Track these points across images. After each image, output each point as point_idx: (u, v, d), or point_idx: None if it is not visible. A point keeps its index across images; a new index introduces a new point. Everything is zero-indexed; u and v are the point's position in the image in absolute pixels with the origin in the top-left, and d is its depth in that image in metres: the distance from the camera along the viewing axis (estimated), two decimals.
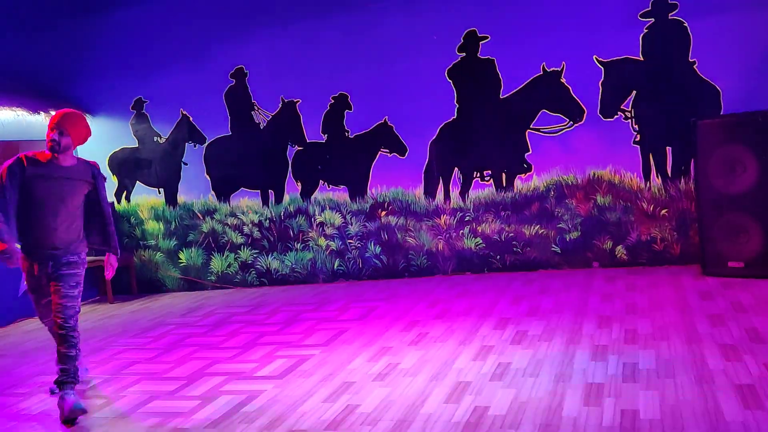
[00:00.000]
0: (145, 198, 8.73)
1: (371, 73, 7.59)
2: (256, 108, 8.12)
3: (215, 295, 8.03)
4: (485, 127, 7.29)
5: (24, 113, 7.91)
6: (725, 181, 5.90)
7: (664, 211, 6.77)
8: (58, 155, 4.25)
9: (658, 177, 6.78)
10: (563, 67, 6.95)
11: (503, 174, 7.31)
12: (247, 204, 8.30)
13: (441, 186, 7.53)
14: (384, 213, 7.75)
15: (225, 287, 8.38)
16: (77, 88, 8.58)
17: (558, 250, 7.14)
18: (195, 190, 8.50)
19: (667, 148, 6.74)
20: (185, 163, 8.49)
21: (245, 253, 8.31)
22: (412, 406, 3.78)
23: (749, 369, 3.74)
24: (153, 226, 8.67)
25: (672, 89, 6.64)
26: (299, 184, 8.07)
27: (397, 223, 7.70)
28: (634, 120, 6.81)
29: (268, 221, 8.22)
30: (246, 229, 8.30)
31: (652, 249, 6.81)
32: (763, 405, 3.26)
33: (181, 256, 8.57)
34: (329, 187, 7.97)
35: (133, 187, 8.76)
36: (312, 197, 8.03)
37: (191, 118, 8.39)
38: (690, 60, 6.56)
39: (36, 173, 4.19)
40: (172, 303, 7.83)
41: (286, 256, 8.15)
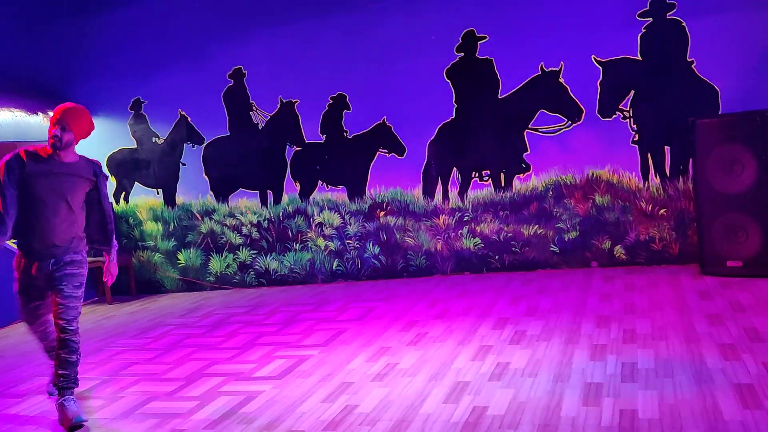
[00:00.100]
0: (144, 199, 8.72)
1: (369, 74, 7.59)
2: (254, 108, 8.11)
3: (214, 296, 8.02)
4: (484, 127, 7.29)
5: (22, 114, 7.90)
6: (724, 181, 5.90)
7: (662, 211, 6.78)
8: (59, 151, 4.10)
9: (656, 176, 6.78)
10: (561, 67, 6.95)
11: (502, 174, 7.31)
12: (246, 204, 8.30)
13: (440, 186, 7.53)
14: (383, 213, 7.75)
15: (224, 288, 8.37)
16: (75, 88, 8.57)
17: (557, 249, 7.14)
18: (193, 190, 8.49)
19: (666, 147, 6.75)
20: (184, 164, 8.48)
21: (244, 254, 8.30)
22: (411, 406, 3.77)
23: (748, 368, 3.74)
24: (151, 226, 8.67)
25: (670, 89, 6.64)
26: (298, 184, 8.06)
27: (396, 224, 7.70)
28: (632, 120, 6.81)
29: (266, 222, 8.21)
30: (245, 230, 8.30)
31: (650, 249, 6.82)
32: (762, 404, 3.26)
33: (180, 256, 8.57)
34: (328, 188, 7.97)
35: (132, 188, 8.75)
36: (311, 198, 8.02)
37: (189, 118, 8.38)
38: (688, 59, 6.56)
39: (36, 170, 4.05)
40: (170, 304, 7.82)
41: (284, 256, 8.15)
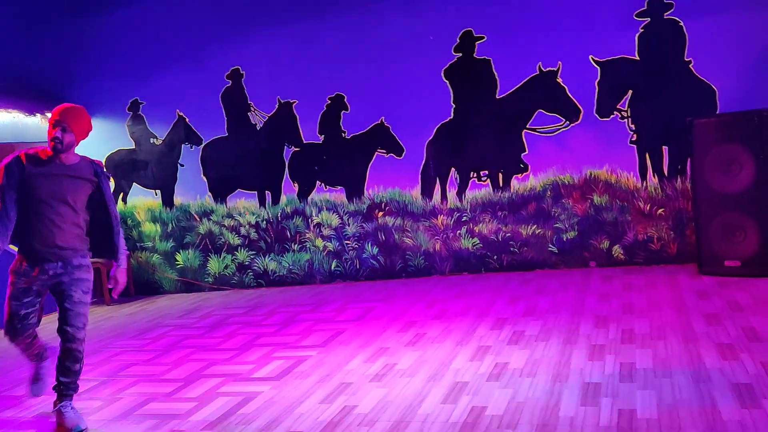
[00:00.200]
0: (142, 200, 8.71)
1: (368, 74, 7.59)
2: (252, 109, 8.11)
3: (212, 297, 8.02)
4: (482, 128, 7.29)
5: (20, 115, 7.89)
6: (722, 181, 5.90)
7: (660, 211, 6.78)
8: (60, 154, 3.98)
9: (654, 176, 6.79)
10: (559, 67, 6.96)
11: (500, 174, 7.31)
12: (244, 205, 8.29)
13: (438, 186, 7.53)
14: (381, 214, 7.75)
15: (222, 289, 8.37)
16: (73, 89, 8.56)
17: (555, 249, 7.14)
18: (192, 191, 8.49)
19: (664, 147, 6.75)
20: (182, 165, 8.48)
21: (242, 255, 8.30)
22: (409, 406, 3.77)
23: (746, 368, 3.75)
24: (150, 227, 8.66)
25: (668, 89, 6.65)
26: (296, 185, 8.06)
27: (394, 224, 7.70)
28: (630, 119, 6.82)
29: (265, 222, 8.21)
30: (243, 231, 8.29)
31: (648, 248, 6.82)
32: (761, 404, 3.26)
33: (178, 257, 8.56)
34: (326, 188, 7.97)
35: (130, 189, 8.75)
36: (309, 198, 8.02)
37: (188, 119, 8.38)
38: (686, 59, 6.57)
39: (37, 172, 3.94)
40: (169, 305, 7.82)
41: (283, 257, 8.14)
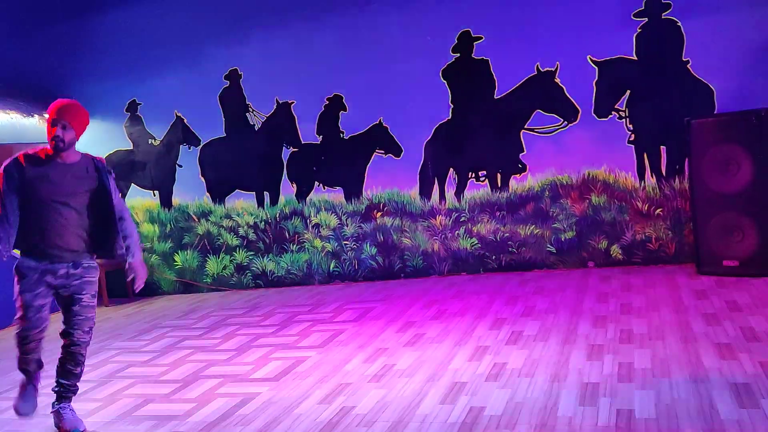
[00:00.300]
0: (140, 200, 8.71)
1: (366, 74, 7.59)
2: (250, 109, 8.11)
3: (211, 298, 8.01)
4: (480, 128, 7.29)
5: (18, 116, 7.88)
6: (719, 180, 5.91)
7: (658, 211, 6.78)
8: (62, 152, 3.86)
9: (652, 176, 6.79)
10: (557, 67, 6.96)
11: (498, 174, 7.31)
12: (243, 206, 8.29)
13: (436, 186, 7.53)
14: (379, 214, 7.75)
15: (220, 289, 8.36)
16: (71, 90, 8.54)
17: (553, 250, 7.14)
18: (190, 192, 8.48)
19: (662, 147, 6.76)
20: (180, 165, 8.47)
21: (241, 255, 8.29)
22: (408, 407, 3.77)
23: (744, 367, 3.75)
24: (148, 228, 8.65)
25: (666, 88, 6.65)
26: (294, 185, 8.06)
27: (393, 224, 7.70)
28: (628, 119, 6.82)
29: (263, 223, 8.20)
30: (241, 231, 8.29)
31: (647, 248, 6.82)
32: (759, 403, 3.26)
33: (177, 258, 8.56)
34: (324, 189, 7.96)
35: (128, 190, 8.74)
36: (307, 199, 8.02)
37: (186, 120, 8.38)
38: (683, 59, 6.57)
39: (38, 173, 3.81)
40: (167, 306, 7.81)
41: (281, 257, 8.14)
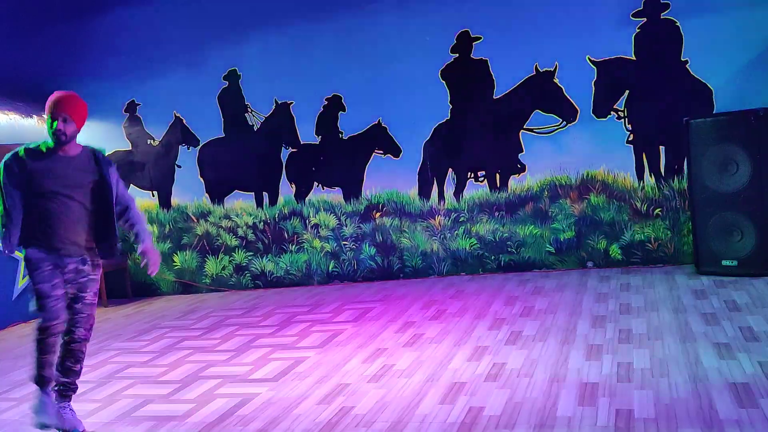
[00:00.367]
0: (139, 201, 8.66)
1: (365, 75, 7.59)
2: (249, 110, 8.10)
3: (210, 298, 8.01)
4: (479, 128, 7.29)
5: (16, 117, 7.88)
6: (718, 180, 5.91)
7: (657, 211, 6.79)
8: (65, 146, 3.81)
9: (651, 176, 6.80)
10: (556, 67, 6.96)
11: (497, 174, 7.31)
12: (241, 206, 8.28)
13: (435, 187, 7.53)
14: (378, 214, 7.75)
15: (219, 290, 8.36)
16: (69, 90, 8.50)
17: (552, 250, 7.15)
18: (189, 192, 8.48)
19: (661, 147, 6.76)
20: (179, 166, 8.47)
21: (240, 256, 8.29)
22: (407, 407, 3.77)
23: (743, 367, 3.75)
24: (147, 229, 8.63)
25: (664, 88, 6.66)
26: (293, 185, 8.06)
27: (392, 225, 7.70)
28: (627, 119, 6.82)
29: (262, 223, 8.20)
30: (240, 232, 8.28)
31: (646, 248, 6.83)
32: (758, 403, 3.27)
33: (176, 259, 8.55)
34: (323, 189, 7.96)
35: (127, 191, 8.71)
36: (306, 199, 8.01)
37: (184, 120, 8.37)
38: (682, 59, 6.58)
39: (40, 167, 3.74)
40: (166, 306, 7.81)
41: (280, 258, 8.14)
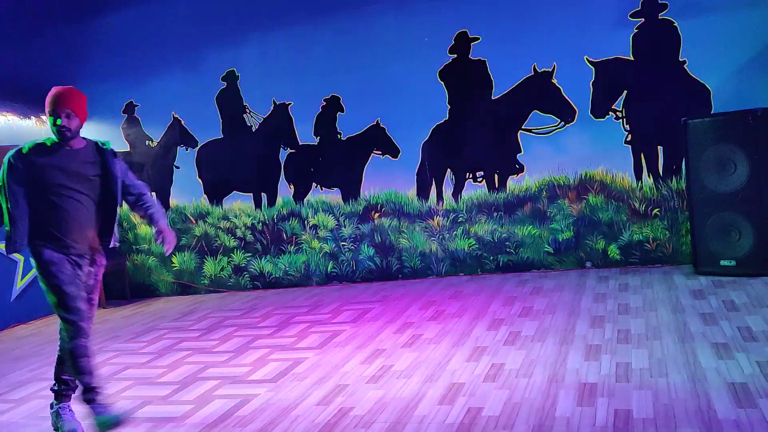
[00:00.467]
0: None
1: (363, 75, 7.59)
2: (248, 111, 8.10)
3: (208, 299, 8.00)
4: (477, 128, 7.30)
5: (15, 118, 7.87)
6: (716, 180, 5.92)
7: (656, 211, 6.79)
8: (70, 141, 3.74)
9: (649, 176, 6.80)
10: (554, 68, 6.96)
11: (495, 175, 7.32)
12: (240, 207, 8.28)
13: (434, 187, 7.53)
14: (377, 215, 7.75)
15: (218, 291, 8.35)
16: None
17: (551, 250, 7.15)
18: (187, 193, 8.47)
19: (659, 147, 6.77)
20: (177, 167, 8.47)
21: (238, 257, 8.29)
22: (406, 407, 3.77)
23: (742, 367, 3.76)
24: (145, 230, 8.64)
25: (663, 89, 6.66)
26: (292, 186, 8.05)
27: (391, 225, 7.70)
28: (625, 120, 6.83)
29: (260, 224, 8.20)
30: (239, 233, 8.28)
31: (644, 248, 6.83)
32: (756, 403, 3.27)
33: (174, 260, 8.55)
34: (322, 190, 7.96)
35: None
36: (305, 200, 8.02)
37: (183, 121, 8.37)
38: (680, 59, 6.58)
39: (46, 162, 3.68)
40: (165, 307, 7.80)
41: (279, 258, 8.14)
